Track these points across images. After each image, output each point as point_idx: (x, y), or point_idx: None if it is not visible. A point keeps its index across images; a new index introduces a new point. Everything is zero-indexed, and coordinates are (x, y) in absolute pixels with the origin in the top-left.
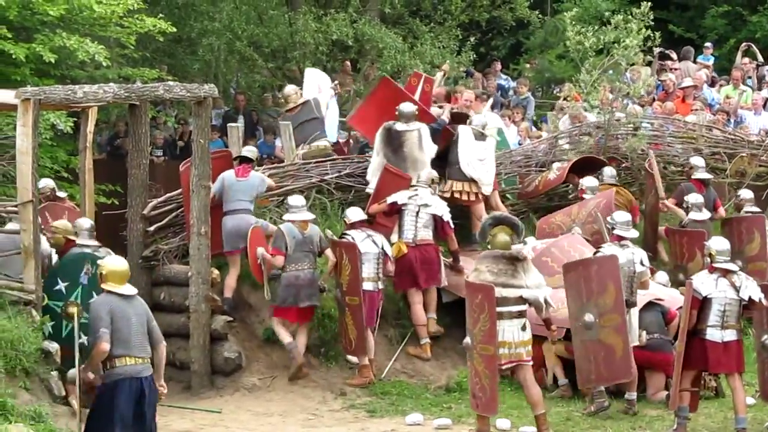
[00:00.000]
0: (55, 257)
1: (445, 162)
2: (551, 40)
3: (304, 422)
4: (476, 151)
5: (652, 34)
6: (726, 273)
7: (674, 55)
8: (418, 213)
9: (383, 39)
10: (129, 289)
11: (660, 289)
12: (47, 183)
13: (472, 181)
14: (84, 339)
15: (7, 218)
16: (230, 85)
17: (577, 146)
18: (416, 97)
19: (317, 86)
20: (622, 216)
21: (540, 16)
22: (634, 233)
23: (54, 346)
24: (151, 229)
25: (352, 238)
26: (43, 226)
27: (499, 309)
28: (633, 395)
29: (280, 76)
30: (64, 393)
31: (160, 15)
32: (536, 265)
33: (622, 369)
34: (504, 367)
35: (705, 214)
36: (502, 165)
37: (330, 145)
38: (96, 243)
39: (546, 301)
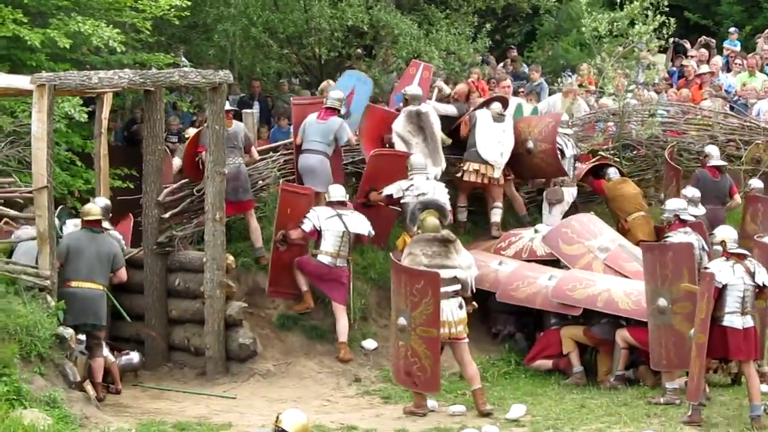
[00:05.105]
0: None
1: (464, 145)
2: (565, 26)
3: (319, 408)
4: (494, 133)
5: (667, 21)
6: (740, 258)
7: (688, 45)
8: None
9: (399, 25)
10: None
11: None
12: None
13: (488, 164)
14: None
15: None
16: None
17: (590, 140)
18: (415, 83)
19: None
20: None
21: (556, 2)
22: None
23: (69, 332)
24: (166, 215)
25: (317, 216)
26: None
27: None
28: (675, 384)
29: (295, 62)
30: (78, 378)
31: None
32: (556, 235)
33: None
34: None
35: (700, 210)
36: None
37: None
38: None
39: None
